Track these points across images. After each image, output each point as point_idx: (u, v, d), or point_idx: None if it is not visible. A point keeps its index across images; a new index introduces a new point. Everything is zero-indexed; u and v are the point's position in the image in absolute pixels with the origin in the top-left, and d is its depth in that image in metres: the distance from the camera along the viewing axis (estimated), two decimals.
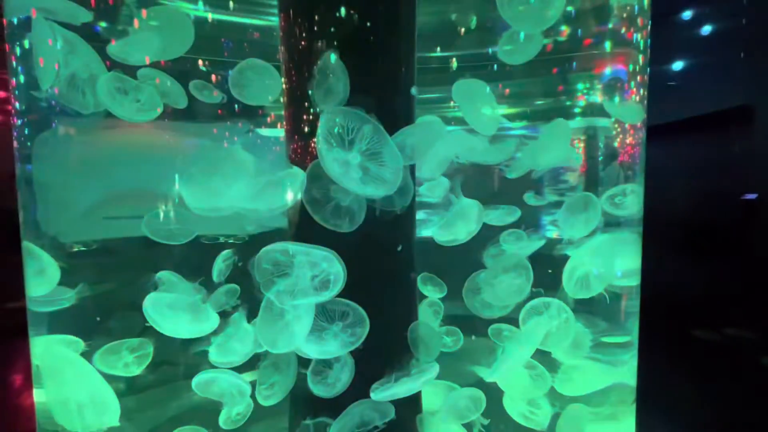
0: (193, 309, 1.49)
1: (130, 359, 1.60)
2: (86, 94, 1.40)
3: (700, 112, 4.74)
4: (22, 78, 1.49)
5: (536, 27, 1.56)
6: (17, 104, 1.51)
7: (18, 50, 1.48)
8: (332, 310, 1.31)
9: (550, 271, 1.71)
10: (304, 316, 1.30)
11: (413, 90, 1.49)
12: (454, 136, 1.72)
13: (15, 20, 1.47)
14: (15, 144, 1.53)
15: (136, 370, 1.61)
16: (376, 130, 1.26)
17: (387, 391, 1.39)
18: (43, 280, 1.52)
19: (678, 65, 5.16)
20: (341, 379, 1.40)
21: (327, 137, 1.25)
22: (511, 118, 1.92)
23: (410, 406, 1.58)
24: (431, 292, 1.97)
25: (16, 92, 1.51)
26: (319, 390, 1.41)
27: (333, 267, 1.27)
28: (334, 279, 1.27)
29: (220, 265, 1.67)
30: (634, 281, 1.84)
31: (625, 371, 1.86)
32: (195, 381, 1.52)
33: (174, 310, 1.44)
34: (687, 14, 5.08)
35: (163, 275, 1.54)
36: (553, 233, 1.82)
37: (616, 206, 1.71)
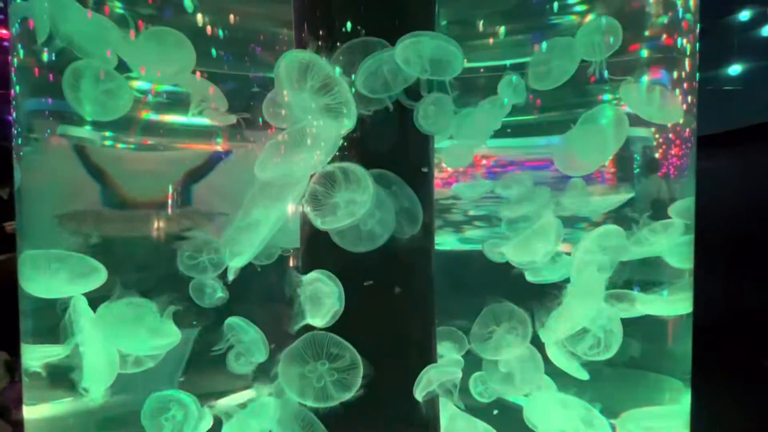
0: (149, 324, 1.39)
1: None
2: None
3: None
4: (18, 88, 1.46)
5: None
6: (15, 114, 1.48)
7: (15, 61, 1.45)
8: (322, 345, 1.14)
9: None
10: None
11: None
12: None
13: (14, 30, 1.44)
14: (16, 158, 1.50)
15: (149, 363, 1.50)
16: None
17: None
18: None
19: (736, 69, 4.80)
20: None
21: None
22: (541, 129, 1.80)
23: None
24: (449, 350, 1.62)
25: (14, 102, 1.48)
26: None
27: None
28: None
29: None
30: (685, 309, 1.65)
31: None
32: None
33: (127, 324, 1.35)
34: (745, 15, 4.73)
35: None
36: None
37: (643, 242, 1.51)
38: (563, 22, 1.71)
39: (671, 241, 1.64)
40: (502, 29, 1.79)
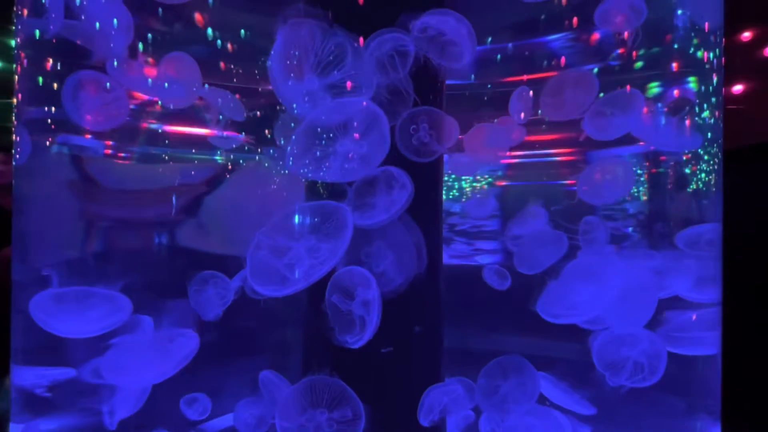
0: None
1: None
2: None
3: None
4: (21, 96, 1.41)
5: None
6: (19, 125, 1.43)
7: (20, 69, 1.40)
8: (322, 391, 1.05)
9: None
10: None
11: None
12: None
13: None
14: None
15: None
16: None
17: None
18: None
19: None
20: None
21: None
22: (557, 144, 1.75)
23: None
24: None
25: (16, 111, 1.43)
26: None
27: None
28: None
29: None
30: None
31: None
32: None
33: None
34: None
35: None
36: None
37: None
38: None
39: (688, 278, 1.56)
40: (510, 45, 1.74)
